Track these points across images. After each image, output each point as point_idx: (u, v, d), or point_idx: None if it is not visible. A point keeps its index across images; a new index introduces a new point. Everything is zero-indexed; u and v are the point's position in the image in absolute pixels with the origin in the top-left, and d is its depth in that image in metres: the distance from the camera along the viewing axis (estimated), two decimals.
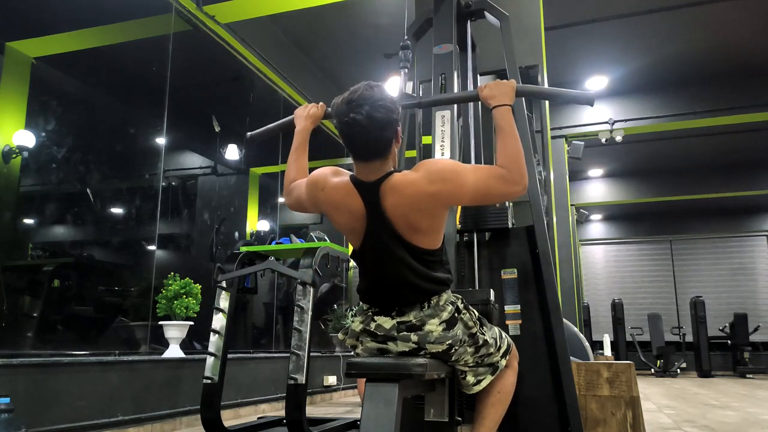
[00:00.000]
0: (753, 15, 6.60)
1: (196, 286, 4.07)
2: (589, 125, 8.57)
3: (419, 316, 1.59)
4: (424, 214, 1.55)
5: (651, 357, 11.67)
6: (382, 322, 1.62)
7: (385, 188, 1.55)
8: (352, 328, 1.69)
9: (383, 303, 1.63)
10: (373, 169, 1.57)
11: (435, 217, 1.57)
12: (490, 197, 1.64)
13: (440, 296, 1.61)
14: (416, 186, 1.53)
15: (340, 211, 1.62)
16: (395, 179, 1.55)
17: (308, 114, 1.97)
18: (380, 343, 1.63)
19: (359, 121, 1.49)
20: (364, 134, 1.51)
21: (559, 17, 6.36)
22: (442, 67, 2.31)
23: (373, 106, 1.50)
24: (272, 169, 7.23)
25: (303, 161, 1.90)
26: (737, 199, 12.03)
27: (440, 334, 1.59)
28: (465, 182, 1.55)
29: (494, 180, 1.57)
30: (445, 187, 1.54)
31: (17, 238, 3.97)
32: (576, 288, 8.16)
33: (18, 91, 3.88)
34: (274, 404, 4.68)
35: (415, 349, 1.59)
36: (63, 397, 2.88)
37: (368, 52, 6.83)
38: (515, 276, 2.31)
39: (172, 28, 4.87)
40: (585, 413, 2.64)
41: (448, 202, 1.58)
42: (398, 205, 1.54)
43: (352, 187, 1.58)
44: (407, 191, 1.53)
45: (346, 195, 1.59)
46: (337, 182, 1.62)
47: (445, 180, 1.54)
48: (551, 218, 4.57)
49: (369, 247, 1.61)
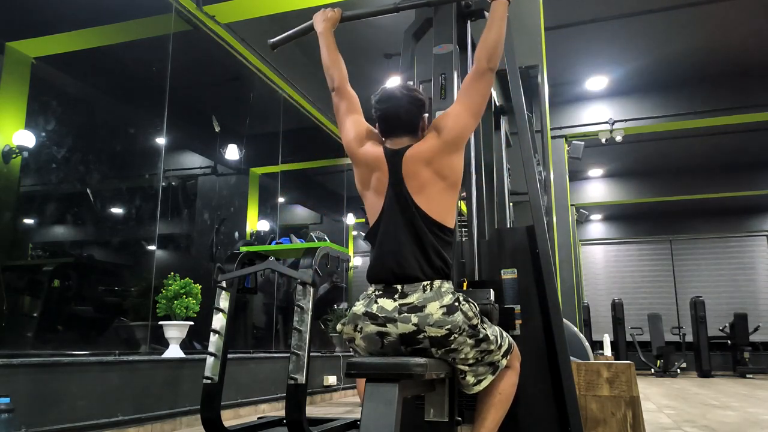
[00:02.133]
0: (753, 15, 6.60)
1: (196, 286, 4.07)
2: (589, 125, 8.57)
3: (421, 298, 1.64)
4: (439, 162, 1.74)
5: (651, 357, 11.67)
6: (384, 304, 1.67)
7: (406, 155, 1.77)
8: (353, 311, 1.73)
9: (390, 275, 1.69)
10: (401, 144, 1.80)
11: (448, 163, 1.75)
12: (480, 96, 1.82)
13: (442, 282, 1.68)
14: (428, 139, 1.79)
15: (369, 166, 1.83)
16: (415, 145, 1.80)
17: (327, 17, 2.18)
18: (380, 325, 1.66)
19: (394, 94, 1.81)
20: (397, 106, 1.80)
21: (559, 17, 6.36)
22: (442, 67, 2.31)
23: (405, 87, 1.87)
24: (272, 169, 7.24)
25: (340, 63, 2.08)
26: (737, 199, 12.03)
27: (440, 317, 1.62)
28: (453, 108, 1.82)
29: (472, 86, 1.81)
30: (444, 121, 1.79)
31: (17, 238, 3.97)
32: (576, 288, 8.16)
33: (18, 91, 3.88)
34: (274, 404, 4.68)
35: (415, 331, 1.62)
36: (63, 397, 2.88)
37: (368, 52, 6.83)
38: (515, 276, 2.31)
39: (172, 28, 4.87)
40: (585, 413, 2.64)
41: (452, 131, 1.76)
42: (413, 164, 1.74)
43: (383, 154, 1.80)
44: (423, 146, 1.78)
45: (375, 160, 1.81)
46: (372, 146, 1.85)
47: (439, 124, 1.80)
48: (551, 218, 4.56)
49: (386, 214, 1.76)
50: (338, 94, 2.01)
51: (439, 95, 2.29)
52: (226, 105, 6.54)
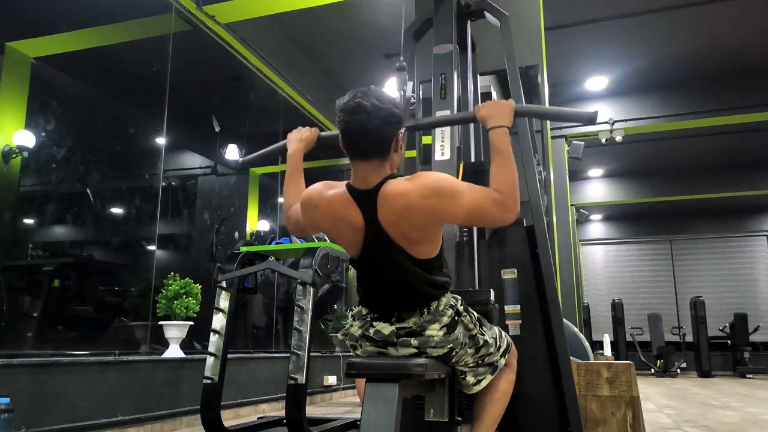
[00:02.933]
0: (753, 15, 6.60)
1: (196, 286, 4.06)
2: (589, 125, 8.56)
3: (419, 323, 1.57)
4: (416, 227, 1.51)
5: (651, 357, 11.67)
6: (380, 328, 1.60)
7: (381, 196, 1.51)
8: (351, 332, 1.69)
9: (383, 308, 1.62)
10: (371, 171, 1.53)
11: (426, 230, 1.53)
12: (483, 220, 1.62)
13: (439, 301, 1.59)
14: (407, 197, 1.48)
15: (337, 225, 1.59)
16: (389, 186, 1.51)
17: (301, 137, 1.96)
18: (380, 347, 1.63)
19: (364, 107, 1.47)
20: (365, 123, 1.47)
21: (559, 17, 6.36)
22: (442, 67, 2.31)
23: (378, 98, 1.50)
24: (272, 169, 7.23)
25: (300, 185, 1.86)
26: (737, 199, 12.03)
27: (441, 338, 1.58)
28: (460, 201, 1.50)
29: (490, 203, 1.52)
30: (439, 202, 1.49)
31: (17, 238, 3.96)
32: (576, 288, 8.16)
33: (18, 91, 3.88)
34: (274, 404, 4.68)
35: (416, 353, 1.59)
36: (63, 397, 2.88)
37: (368, 52, 6.82)
38: (515, 276, 2.31)
39: (172, 28, 4.87)
40: (585, 413, 2.64)
41: (441, 218, 1.53)
42: (390, 214, 1.50)
43: (349, 197, 1.55)
44: (398, 201, 1.49)
45: (342, 206, 1.55)
46: (332, 195, 1.58)
47: (440, 195, 1.49)
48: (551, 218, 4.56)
49: (369, 256, 1.58)
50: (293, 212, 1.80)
51: (439, 95, 2.29)
52: (226, 105, 6.53)
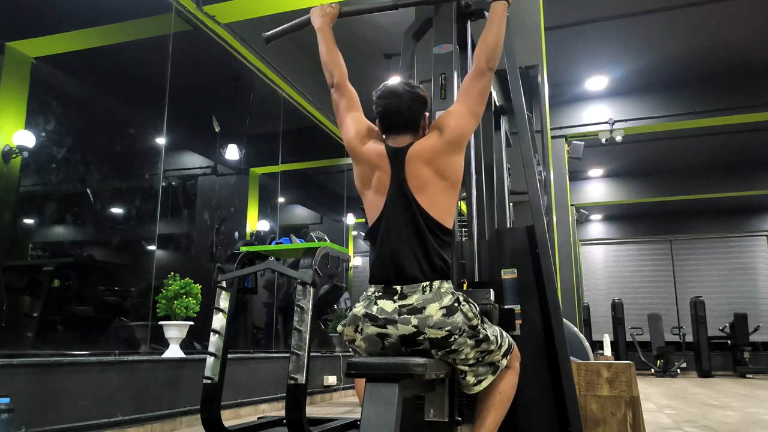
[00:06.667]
0: (753, 15, 6.61)
1: (196, 286, 4.06)
2: (589, 125, 8.57)
3: (421, 299, 1.64)
4: (441, 162, 1.74)
5: (651, 357, 11.67)
6: (383, 306, 1.66)
7: (410, 152, 1.76)
8: (353, 312, 1.73)
9: (390, 276, 1.69)
10: (402, 142, 1.80)
11: (451, 163, 1.75)
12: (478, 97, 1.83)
13: (442, 283, 1.68)
14: (430, 138, 1.79)
15: (371, 166, 1.81)
16: (416, 143, 1.79)
17: (325, 13, 2.17)
18: (380, 327, 1.66)
19: (396, 92, 1.80)
20: (398, 104, 1.79)
21: (559, 17, 6.36)
22: (442, 67, 2.31)
23: (411, 85, 1.85)
24: (272, 169, 7.24)
25: (339, 57, 2.07)
26: (737, 199, 12.04)
27: (440, 318, 1.62)
28: (455, 108, 1.82)
29: (470, 84, 1.82)
30: (445, 121, 1.79)
31: (17, 238, 3.96)
32: (576, 288, 8.16)
33: (18, 91, 3.88)
34: (274, 404, 4.68)
35: (414, 333, 1.62)
36: (63, 397, 2.88)
37: (368, 52, 6.83)
38: (515, 276, 2.31)
39: (172, 28, 4.87)
40: (585, 413, 2.64)
41: (454, 132, 1.76)
42: (418, 159, 1.74)
43: (385, 152, 1.79)
44: (425, 145, 1.77)
45: (377, 157, 1.80)
46: (374, 144, 1.84)
47: (444, 117, 1.81)
48: (551, 218, 4.56)
49: (387, 210, 1.75)
50: (338, 91, 1.99)
51: (439, 95, 2.29)
52: (226, 105, 6.54)
